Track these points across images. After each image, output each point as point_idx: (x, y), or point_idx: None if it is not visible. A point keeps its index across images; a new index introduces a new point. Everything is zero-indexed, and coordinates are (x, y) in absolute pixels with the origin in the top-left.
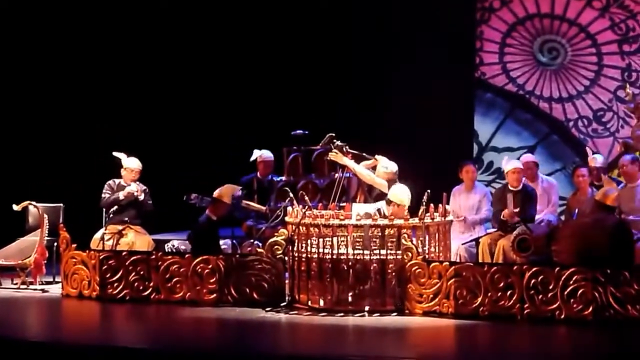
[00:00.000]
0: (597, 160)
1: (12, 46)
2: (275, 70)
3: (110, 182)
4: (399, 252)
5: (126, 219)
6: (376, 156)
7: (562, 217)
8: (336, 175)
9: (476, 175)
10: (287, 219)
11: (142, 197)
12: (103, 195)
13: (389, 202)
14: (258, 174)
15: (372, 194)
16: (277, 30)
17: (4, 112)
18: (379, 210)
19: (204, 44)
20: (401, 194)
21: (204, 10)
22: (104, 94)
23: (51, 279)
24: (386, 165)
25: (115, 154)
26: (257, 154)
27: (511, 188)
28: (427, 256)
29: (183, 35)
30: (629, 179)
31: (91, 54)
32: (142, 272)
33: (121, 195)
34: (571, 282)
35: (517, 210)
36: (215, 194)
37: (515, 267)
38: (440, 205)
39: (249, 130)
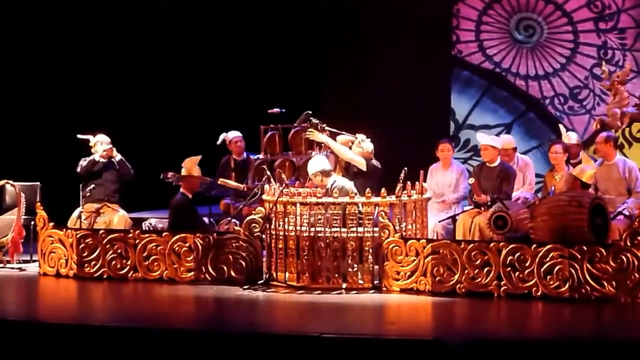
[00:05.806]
0: (571, 137)
1: None
2: (251, 48)
3: (85, 158)
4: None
5: (105, 198)
6: (357, 134)
7: (539, 195)
8: (313, 153)
9: (452, 153)
10: (264, 196)
11: (118, 158)
12: (79, 165)
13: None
14: (233, 155)
15: (350, 172)
16: (253, 8)
17: None
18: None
19: (180, 23)
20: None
21: None
22: (80, 72)
23: (28, 258)
24: (362, 145)
25: (80, 136)
26: (222, 136)
27: (488, 165)
28: (404, 234)
29: (159, 14)
30: (605, 157)
31: (66, 33)
32: (119, 251)
33: (97, 157)
34: (548, 259)
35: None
36: (184, 171)
37: (492, 245)
38: (417, 182)
39: (225, 109)
